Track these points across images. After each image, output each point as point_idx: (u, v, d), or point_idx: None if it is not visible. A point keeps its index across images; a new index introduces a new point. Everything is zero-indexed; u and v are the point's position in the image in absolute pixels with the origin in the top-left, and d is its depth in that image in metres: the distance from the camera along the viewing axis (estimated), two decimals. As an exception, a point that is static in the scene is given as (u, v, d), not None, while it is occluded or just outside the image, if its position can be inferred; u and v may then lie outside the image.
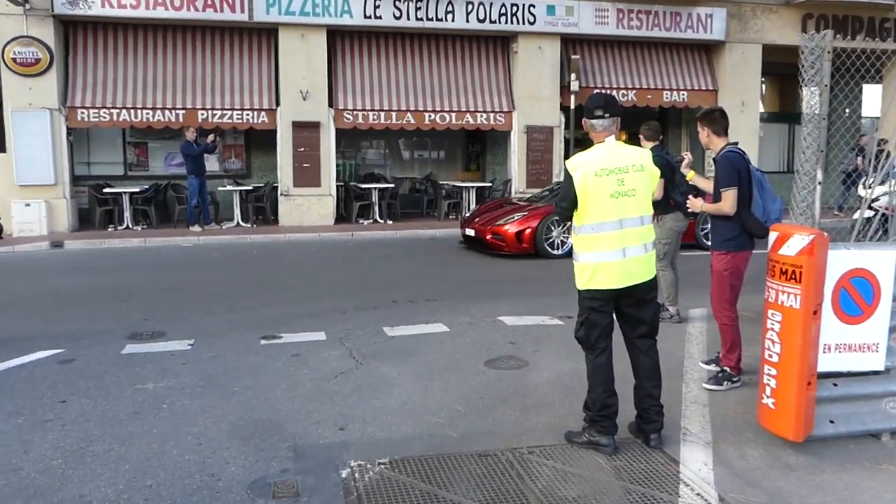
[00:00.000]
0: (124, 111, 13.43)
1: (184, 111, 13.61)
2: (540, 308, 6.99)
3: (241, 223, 13.83)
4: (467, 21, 14.38)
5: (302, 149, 13.97)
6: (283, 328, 6.33)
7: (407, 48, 14.89)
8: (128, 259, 10.72)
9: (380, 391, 4.72)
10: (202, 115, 13.63)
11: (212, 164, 14.40)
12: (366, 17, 14.06)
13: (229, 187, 14.15)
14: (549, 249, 10.39)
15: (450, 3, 14.24)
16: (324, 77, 14.17)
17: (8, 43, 12.78)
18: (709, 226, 9.71)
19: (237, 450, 3.83)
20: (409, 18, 14.16)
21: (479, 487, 3.36)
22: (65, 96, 13.35)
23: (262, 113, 13.95)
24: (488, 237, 10.56)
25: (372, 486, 3.38)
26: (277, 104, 14.05)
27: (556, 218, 10.13)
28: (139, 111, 13.49)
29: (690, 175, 5.21)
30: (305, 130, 13.95)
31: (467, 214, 12.30)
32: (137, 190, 13.71)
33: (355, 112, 14.31)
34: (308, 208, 14.07)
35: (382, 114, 14.42)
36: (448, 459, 3.66)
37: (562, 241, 10.47)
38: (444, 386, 4.80)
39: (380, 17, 14.10)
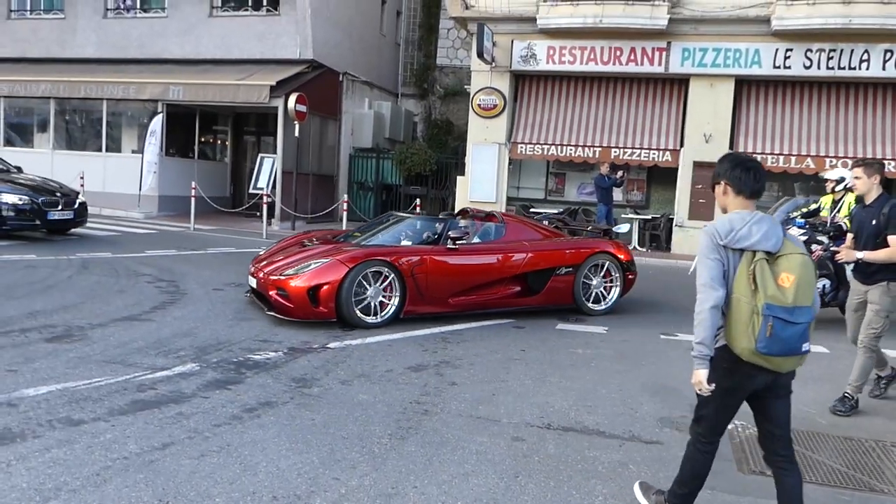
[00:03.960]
0: (553, 147, 15.75)
1: (600, 148, 15.45)
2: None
3: (638, 247, 15.18)
4: (883, 69, 13.72)
5: (700, 186, 14.80)
6: (679, 329, 7.44)
7: (814, 96, 14.72)
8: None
9: (761, 384, 5.55)
10: (615, 152, 15.31)
11: (616, 194, 15.95)
12: (774, 67, 14.33)
13: (630, 215, 15.62)
14: (363, 315, 6.70)
15: (866, 51, 13.78)
16: (727, 122, 14.80)
17: (476, 92, 16.03)
18: (594, 282, 8.03)
19: (647, 398, 5.08)
20: (818, 68, 14.05)
21: (841, 456, 4.10)
22: (510, 134, 16.18)
23: (667, 153, 15.12)
24: (272, 293, 6.74)
25: (751, 438, 4.34)
26: (681, 145, 15.08)
27: (374, 269, 6.73)
28: (564, 147, 15.68)
29: None
30: (705, 170, 14.71)
31: (261, 252, 8.25)
32: (555, 212, 15.91)
33: (755, 155, 14.65)
34: (699, 240, 14.80)
35: (782, 157, 14.49)
36: (815, 435, 4.43)
37: (381, 302, 6.83)
38: (818, 389, 5.45)
39: (789, 68, 14.25)
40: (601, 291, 8.11)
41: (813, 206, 8.46)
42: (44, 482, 3.27)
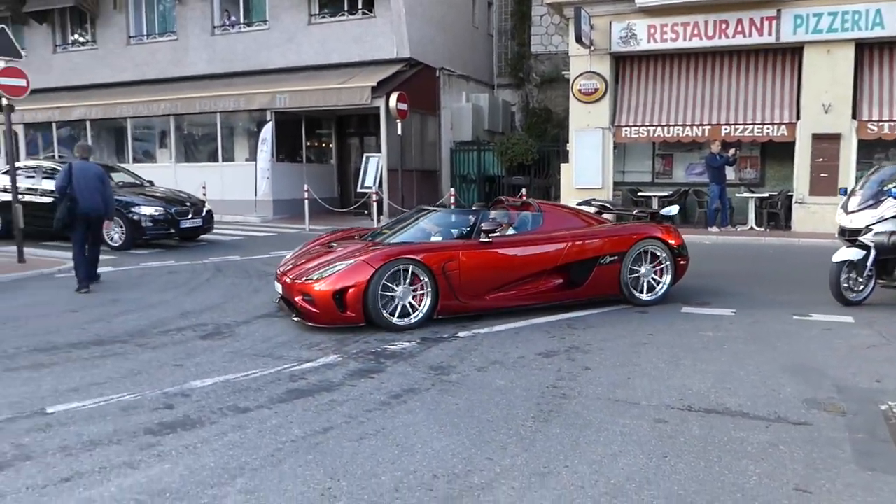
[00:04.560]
0: (658, 128, 15.44)
1: (709, 127, 15.01)
2: None
3: (755, 227, 14.67)
4: None
5: (820, 159, 14.13)
6: (811, 310, 7.19)
7: (948, 54, 13.77)
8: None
9: (911, 362, 5.33)
10: (725, 129, 14.84)
11: (728, 173, 15.43)
12: (901, 26, 13.49)
13: (745, 194, 15.10)
14: (391, 318, 6.32)
15: None
16: (848, 89, 14.04)
17: (576, 77, 15.91)
18: (642, 270, 7.37)
19: (788, 379, 4.98)
20: (953, 24, 13.13)
21: None
22: (613, 117, 15.97)
23: (782, 126, 14.50)
24: (297, 299, 6.42)
25: (908, 417, 4.21)
26: (797, 118, 14.43)
27: (402, 268, 6.32)
28: (671, 128, 15.33)
29: None
30: (825, 142, 14.07)
31: (288, 254, 7.84)
32: (664, 194, 15.63)
33: (881, 123, 13.82)
34: (823, 216, 14.13)
35: (912, 123, 13.63)
36: (981, 413, 4.23)
37: (411, 305, 6.43)
38: (977, 367, 5.18)
39: (918, 26, 13.38)
40: (651, 279, 7.57)
41: None
42: (228, 462, 3.61)
